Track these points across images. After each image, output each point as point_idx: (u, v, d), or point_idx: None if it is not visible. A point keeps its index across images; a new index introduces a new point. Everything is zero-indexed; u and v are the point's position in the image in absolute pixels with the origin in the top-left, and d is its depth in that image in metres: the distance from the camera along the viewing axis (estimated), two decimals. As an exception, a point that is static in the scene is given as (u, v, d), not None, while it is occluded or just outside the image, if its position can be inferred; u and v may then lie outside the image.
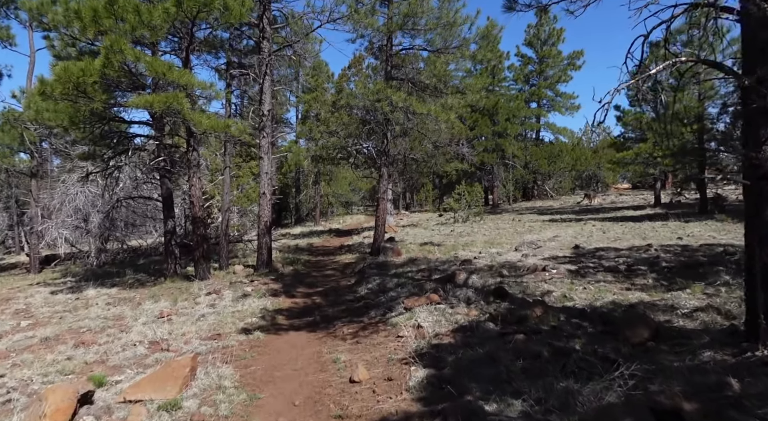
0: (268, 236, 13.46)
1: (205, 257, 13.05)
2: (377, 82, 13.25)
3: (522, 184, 42.48)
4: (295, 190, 41.27)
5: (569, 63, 40.58)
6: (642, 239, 12.89)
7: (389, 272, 11.30)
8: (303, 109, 28.48)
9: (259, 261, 13.37)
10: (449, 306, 7.43)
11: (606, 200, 33.68)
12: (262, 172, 13.43)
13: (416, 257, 13.37)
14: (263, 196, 13.45)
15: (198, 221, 12.89)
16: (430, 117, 12.98)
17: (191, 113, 10.62)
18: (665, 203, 23.60)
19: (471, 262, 11.24)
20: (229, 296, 10.45)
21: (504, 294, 7.64)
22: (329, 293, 10.22)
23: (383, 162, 14.38)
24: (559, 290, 7.82)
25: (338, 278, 12.02)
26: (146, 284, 13.58)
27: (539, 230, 17.78)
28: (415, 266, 11.87)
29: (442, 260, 12.41)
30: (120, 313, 9.83)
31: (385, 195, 14.56)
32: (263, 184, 13.44)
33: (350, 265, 13.75)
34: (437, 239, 17.95)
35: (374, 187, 66.84)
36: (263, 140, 13.36)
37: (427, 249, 14.63)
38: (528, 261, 10.81)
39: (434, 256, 13.26)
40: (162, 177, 13.97)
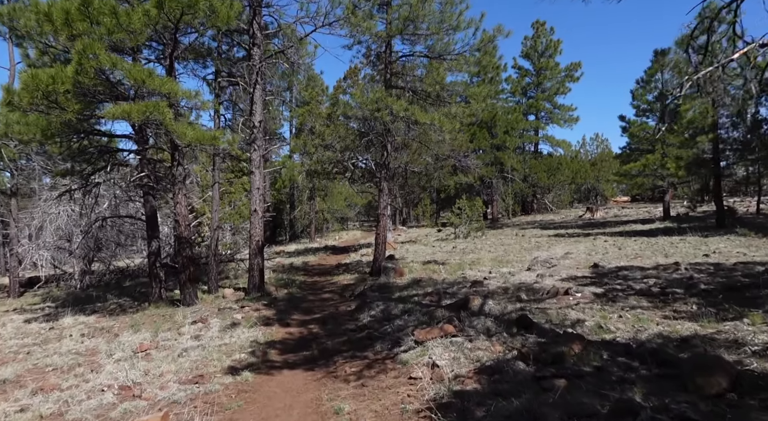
0: (260, 257, 12.47)
1: (192, 280, 12.03)
2: (376, 90, 12.39)
3: (521, 197, 41.68)
4: (290, 207, 40.31)
5: (567, 75, 40.03)
6: (664, 256, 11.98)
7: (393, 296, 10.32)
8: (297, 123, 27.62)
9: (251, 284, 12.36)
10: (467, 339, 6.44)
11: (609, 214, 32.86)
12: (253, 187, 12.48)
13: (420, 277, 12.40)
14: (255, 213, 12.49)
15: (184, 242, 11.89)
16: (433, 127, 12.09)
17: (174, 124, 9.68)
18: (675, 216, 22.75)
19: (482, 283, 10.27)
20: (216, 325, 9.42)
21: (529, 324, 6.67)
22: (327, 321, 9.20)
23: (383, 175, 13.46)
24: (591, 318, 6.85)
25: (337, 302, 11.01)
26: (128, 311, 12.53)
27: (548, 246, 16.85)
28: (421, 288, 10.89)
29: (450, 280, 11.44)
30: (94, 346, 8.79)
31: (385, 210, 13.62)
32: (255, 200, 12.49)
33: (349, 287, 12.75)
34: (440, 256, 16.99)
35: (370, 202, 65.82)
36: (254, 154, 12.43)
37: (432, 268, 13.66)
38: (545, 282, 9.86)
39: (440, 276, 12.30)
40: (146, 194, 12.99)
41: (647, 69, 21.30)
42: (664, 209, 22.13)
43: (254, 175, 12.43)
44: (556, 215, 37.84)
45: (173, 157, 11.75)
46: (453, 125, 12.03)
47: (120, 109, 9.14)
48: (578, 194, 49.21)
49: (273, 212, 40.89)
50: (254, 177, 12.45)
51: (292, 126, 39.28)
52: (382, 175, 13.47)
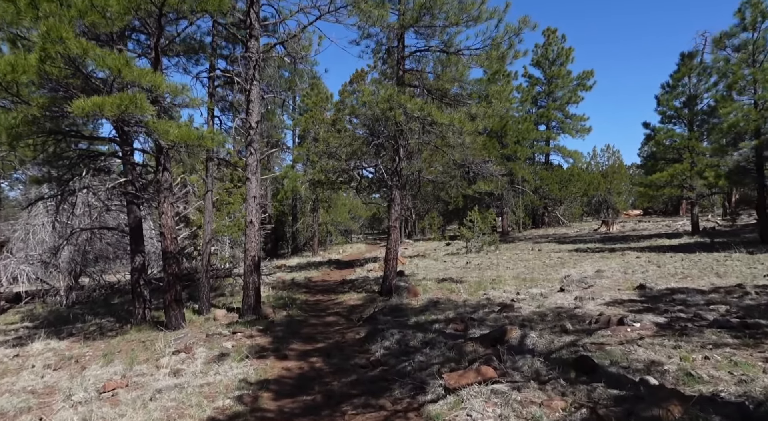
0: (256, 274, 11.05)
1: (178, 300, 10.62)
2: (388, 86, 11.04)
3: (531, 210, 40.22)
4: (292, 219, 38.96)
5: (579, 83, 38.78)
6: (717, 276, 10.53)
7: (409, 321, 8.88)
8: (300, 131, 26.31)
9: (245, 305, 10.92)
10: (512, 386, 5.00)
11: (625, 227, 31.38)
12: (249, 196, 11.11)
13: (438, 298, 10.96)
14: (251, 225, 11.10)
15: (170, 257, 10.49)
16: (452, 128, 10.72)
17: (156, 121, 8.33)
18: (705, 230, 21.26)
19: (512, 307, 8.82)
20: (202, 355, 7.99)
21: (591, 367, 5.23)
22: (333, 352, 7.75)
23: (395, 184, 12.07)
24: (668, 360, 5.40)
25: (343, 327, 9.55)
26: (107, 334, 11.11)
27: (573, 262, 15.39)
28: (440, 311, 9.45)
29: (472, 303, 10.00)
30: (54, 382, 7.38)
31: (396, 223, 12.21)
32: (250, 210, 11.10)
33: (357, 308, 11.31)
34: (454, 273, 15.54)
35: (375, 214, 64.58)
36: (250, 158, 11.06)
37: (449, 287, 12.22)
38: (588, 307, 8.41)
39: (459, 297, 10.85)
40: (129, 203, 11.63)
41: (673, 73, 19.97)
42: (692, 223, 20.66)
43: (250, 181, 11.06)
44: (568, 229, 36.37)
45: (158, 162, 10.40)
46: (474, 126, 10.66)
47: (91, 102, 7.77)
48: (588, 207, 47.79)
49: (274, 224, 39.55)
50: (250, 184, 11.08)
51: (295, 135, 38.04)
52: (393, 184, 12.09)
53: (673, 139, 19.29)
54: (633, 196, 51.19)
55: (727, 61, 16.03)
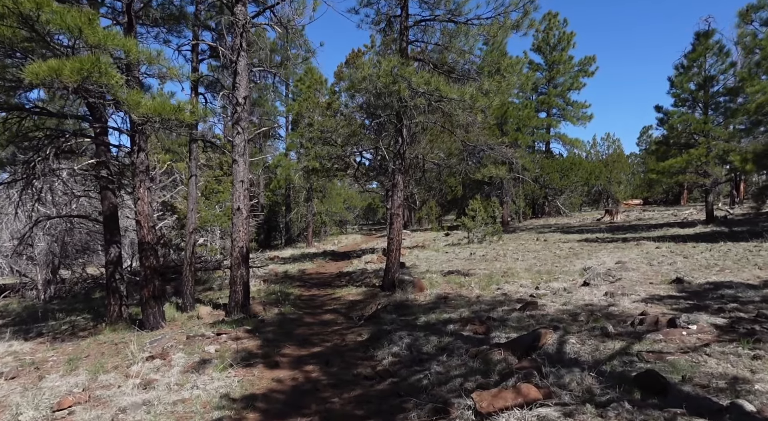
0: (244, 267, 9.92)
1: (157, 297, 9.49)
2: (390, 58, 9.87)
3: (531, 200, 39.18)
4: (285, 209, 37.77)
5: (581, 69, 37.66)
6: (758, 268, 9.49)
7: (417, 321, 7.79)
8: (293, 114, 25.07)
9: (232, 302, 9.80)
10: (564, 412, 3.91)
11: (630, 217, 30.40)
12: (236, 180, 9.96)
13: (447, 293, 9.88)
14: (238, 212, 9.95)
15: (147, 249, 9.34)
16: (463, 104, 9.57)
17: (123, 90, 7.16)
18: (719, 219, 20.23)
19: (536, 305, 7.74)
20: (179, 362, 6.87)
21: (661, 387, 4.15)
22: (332, 359, 6.64)
23: (397, 167, 10.95)
24: (754, 375, 4.34)
25: (342, 327, 8.44)
26: (78, 335, 9.99)
27: (587, 253, 14.34)
28: (452, 309, 8.37)
29: (487, 299, 8.92)
30: (4, 396, 6.25)
31: (399, 210, 11.09)
32: (237, 196, 9.95)
33: (357, 305, 10.20)
34: (459, 265, 14.47)
35: (370, 204, 63.32)
36: (237, 138, 9.90)
37: (457, 281, 11.14)
38: (623, 305, 7.35)
39: (471, 292, 9.77)
40: (103, 189, 10.46)
41: (687, 53, 18.84)
42: (707, 211, 19.65)
43: (237, 164, 9.90)
44: (569, 219, 35.38)
45: (133, 141, 9.24)
46: (488, 102, 9.52)
47: (47, 67, 6.59)
48: (587, 197, 46.83)
49: (267, 214, 38.36)
50: (237, 167, 9.93)
51: (288, 122, 36.80)
52: (396, 167, 10.96)
53: (687, 123, 18.19)
54: (632, 186, 50.32)
55: (755, 37, 14.98)
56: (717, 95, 18.30)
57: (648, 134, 63.11)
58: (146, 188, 9.30)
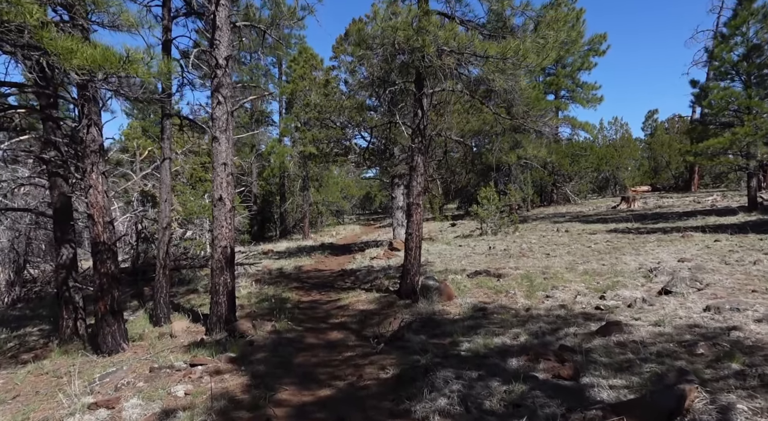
0: (228, 272, 7.87)
1: (117, 312, 7.44)
2: (410, 6, 7.80)
3: (539, 187, 37.14)
4: (280, 198, 35.67)
5: (591, 48, 35.52)
6: None
7: (458, 347, 5.79)
8: (288, 94, 22.89)
9: (214, 316, 7.77)
10: None
11: (649, 204, 28.43)
12: (217, 162, 7.88)
13: (483, 303, 7.88)
14: (220, 203, 7.89)
15: (103, 251, 7.28)
16: (504, 64, 7.50)
17: (49, 35, 5.06)
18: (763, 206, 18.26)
19: (619, 326, 5.72)
20: (132, 416, 4.86)
21: None
22: (349, 413, 4.63)
23: (417, 147, 8.89)
24: None
25: (357, 354, 6.41)
26: (21, 358, 7.96)
27: (630, 247, 12.39)
28: (500, 327, 6.37)
29: (540, 312, 6.93)
30: None
31: (419, 199, 9.05)
32: (219, 182, 7.88)
33: (370, 317, 8.17)
34: (482, 262, 12.49)
35: (367, 194, 61.06)
36: (218, 109, 7.82)
37: (490, 285, 9.14)
38: (749, 327, 5.37)
39: (515, 301, 7.78)
40: (52, 175, 8.38)
41: (728, 20, 16.85)
42: (749, 198, 17.73)
43: (218, 142, 7.82)
44: (580, 206, 33.39)
45: (81, 112, 7.14)
46: (538, 60, 7.47)
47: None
48: (593, 184, 44.87)
49: (261, 204, 36.22)
50: (218, 146, 7.85)
51: (281, 106, 34.57)
52: (415, 146, 8.89)
53: (729, 99, 16.15)
54: (641, 172, 48.43)
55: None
56: (763, 66, 16.26)
57: (654, 119, 61.27)
58: (100, 173, 7.22)
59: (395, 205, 18.89)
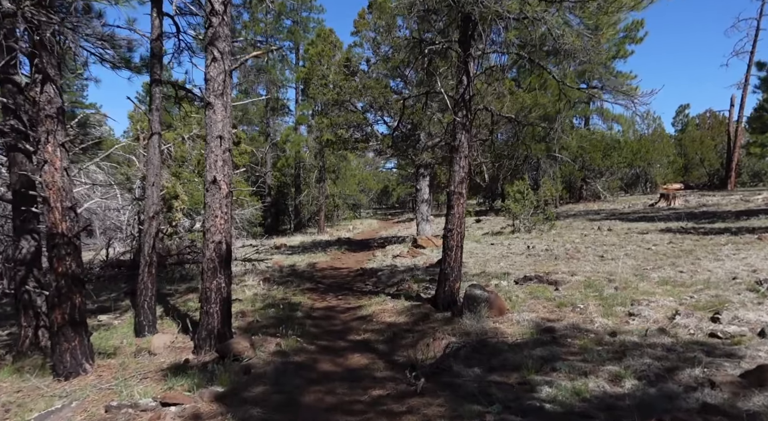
0: (223, 276, 6.19)
1: (78, 323, 5.81)
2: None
3: (569, 182, 35.04)
4: (295, 190, 34.08)
5: (627, 35, 33.34)
6: None
7: (537, 394, 4.04)
8: (305, 73, 21.20)
9: (203, 330, 6.10)
10: None
11: (691, 202, 26.34)
12: (210, 135, 6.20)
13: (547, 320, 6.13)
14: (213, 187, 6.21)
15: (61, 245, 5.64)
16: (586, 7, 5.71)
17: None
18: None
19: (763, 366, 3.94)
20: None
21: None
22: None
23: (461, 122, 7.13)
24: None
25: (389, 393, 4.65)
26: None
27: (701, 251, 10.54)
28: (584, 361, 4.62)
29: (633, 340, 5.16)
30: None
31: (462, 187, 7.30)
32: (213, 161, 6.20)
33: (401, 334, 6.45)
34: (525, 264, 10.73)
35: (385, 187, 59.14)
36: (213, 67, 6.14)
37: (548, 296, 7.38)
38: None
39: (590, 320, 6.00)
40: (10, 149, 6.79)
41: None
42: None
43: (213, 110, 6.14)
44: (613, 204, 31.29)
45: (33, 65, 5.51)
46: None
47: None
48: (622, 180, 42.66)
49: (275, 196, 34.68)
50: (213, 115, 6.17)
51: (297, 93, 32.97)
52: (460, 121, 7.14)
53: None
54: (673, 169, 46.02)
55: None
56: None
57: (685, 114, 58.68)
58: (58, 145, 5.58)
59: (419, 198, 17.16)
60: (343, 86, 15.78)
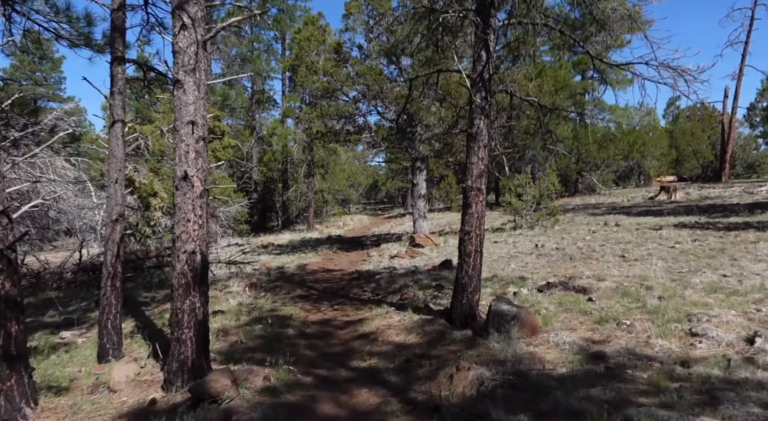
0: (197, 294, 5.05)
1: (12, 358, 4.63)
2: None
3: (563, 176, 34.14)
4: (282, 186, 32.87)
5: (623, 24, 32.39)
6: None
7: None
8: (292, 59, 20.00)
9: (175, 362, 4.96)
10: None
11: (692, 195, 25.53)
12: (180, 120, 5.05)
13: (592, 343, 5.08)
14: (185, 184, 5.06)
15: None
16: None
17: None
18: None
19: None
20: None
21: None
22: None
23: (479, 105, 6.05)
24: None
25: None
26: None
27: (731, 248, 9.59)
28: (672, 411, 3.55)
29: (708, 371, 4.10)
30: None
31: (480, 182, 6.23)
32: (184, 152, 5.05)
33: (415, 361, 5.35)
34: (538, 265, 9.72)
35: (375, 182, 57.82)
36: (183, 37, 4.99)
37: (581, 308, 6.32)
38: None
39: (646, 343, 4.96)
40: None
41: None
42: None
43: (182, 88, 4.99)
44: (610, 197, 30.47)
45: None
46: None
47: None
48: (615, 173, 41.93)
49: (262, 192, 33.42)
50: (183, 95, 5.01)
51: (284, 85, 31.68)
52: (479, 105, 6.06)
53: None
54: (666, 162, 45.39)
55: None
56: None
57: (676, 106, 58.21)
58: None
59: (416, 193, 16.07)
60: (334, 74, 14.64)
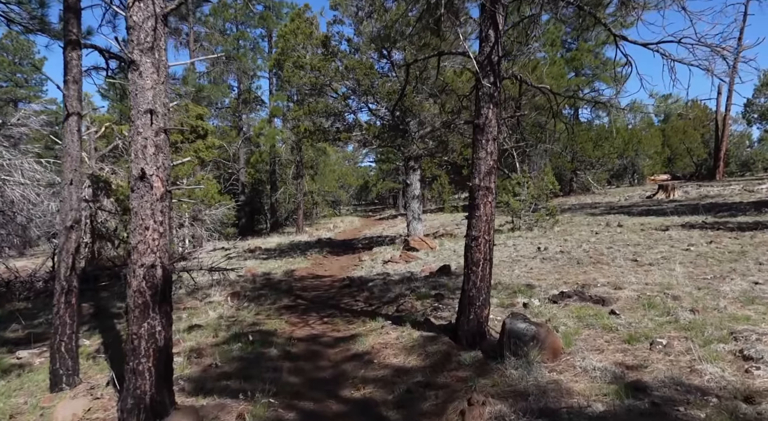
0: (157, 314, 4.23)
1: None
2: None
3: (558, 175, 33.54)
4: (271, 188, 31.96)
5: (616, 20, 31.83)
6: None
7: None
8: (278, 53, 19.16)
9: (130, 398, 4.13)
10: None
11: (690, 194, 24.96)
12: (137, 107, 4.23)
13: (627, 369, 4.29)
14: (141, 185, 4.23)
15: None
16: None
17: None
18: None
19: None
20: None
21: None
22: None
23: (487, 92, 5.27)
24: None
25: None
26: None
27: (753, 252, 8.90)
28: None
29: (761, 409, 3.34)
30: None
31: (489, 180, 5.45)
32: (141, 145, 4.23)
33: (417, 391, 4.55)
34: (543, 271, 8.99)
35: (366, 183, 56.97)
36: (138, 10, 4.16)
37: (604, 323, 5.55)
38: None
39: (692, 370, 4.18)
40: None
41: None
42: None
43: (138, 71, 4.16)
44: (605, 196, 29.89)
45: None
46: None
47: None
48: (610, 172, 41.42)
49: (249, 194, 32.54)
50: (138, 77, 4.18)
51: (271, 84, 30.78)
52: (486, 92, 5.28)
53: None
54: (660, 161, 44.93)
55: None
56: None
57: (667, 104, 57.94)
58: None
59: (410, 194, 15.29)
60: (322, 68, 13.82)
